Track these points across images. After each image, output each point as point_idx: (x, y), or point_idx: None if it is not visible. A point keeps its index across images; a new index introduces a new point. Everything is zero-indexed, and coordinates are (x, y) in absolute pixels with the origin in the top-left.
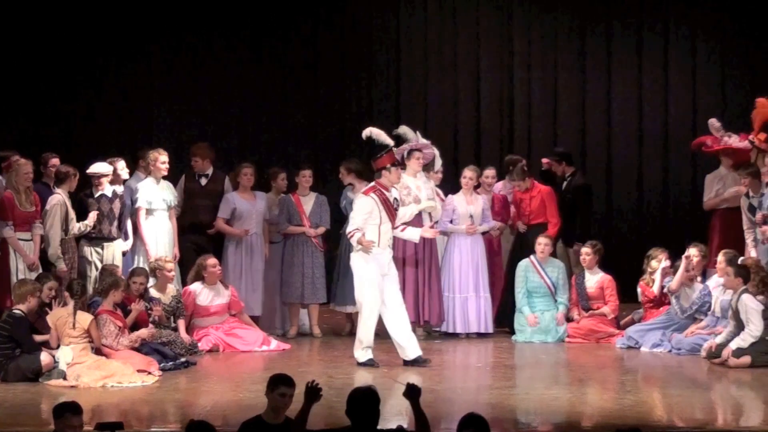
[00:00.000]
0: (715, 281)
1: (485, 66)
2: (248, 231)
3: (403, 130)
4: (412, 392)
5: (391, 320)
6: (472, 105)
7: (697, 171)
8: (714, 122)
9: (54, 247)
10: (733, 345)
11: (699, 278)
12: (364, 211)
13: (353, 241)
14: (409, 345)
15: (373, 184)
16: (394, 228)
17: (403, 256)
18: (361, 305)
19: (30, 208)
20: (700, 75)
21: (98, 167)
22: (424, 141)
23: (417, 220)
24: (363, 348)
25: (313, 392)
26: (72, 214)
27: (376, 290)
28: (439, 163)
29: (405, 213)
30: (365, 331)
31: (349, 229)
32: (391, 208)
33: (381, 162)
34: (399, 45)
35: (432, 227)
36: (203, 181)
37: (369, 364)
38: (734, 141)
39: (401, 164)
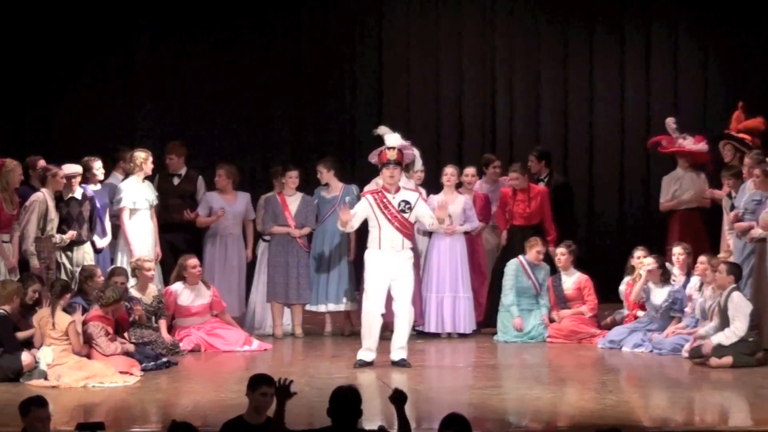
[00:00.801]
0: (694, 283)
1: (467, 66)
2: (223, 210)
3: (383, 130)
4: (399, 398)
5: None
6: (455, 105)
7: None
8: (670, 122)
9: (28, 243)
10: (715, 339)
11: (683, 276)
12: (358, 211)
13: (339, 227)
14: (395, 348)
15: (379, 184)
16: (435, 226)
17: None
18: None
19: (12, 210)
20: (681, 73)
21: (68, 168)
22: (403, 141)
23: None
24: (362, 349)
25: (283, 390)
26: (52, 214)
27: (374, 293)
28: (419, 164)
29: None
30: (362, 332)
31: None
32: (391, 211)
33: (377, 161)
34: (381, 45)
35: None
36: (176, 181)
37: (357, 363)
38: (689, 143)
39: (398, 165)
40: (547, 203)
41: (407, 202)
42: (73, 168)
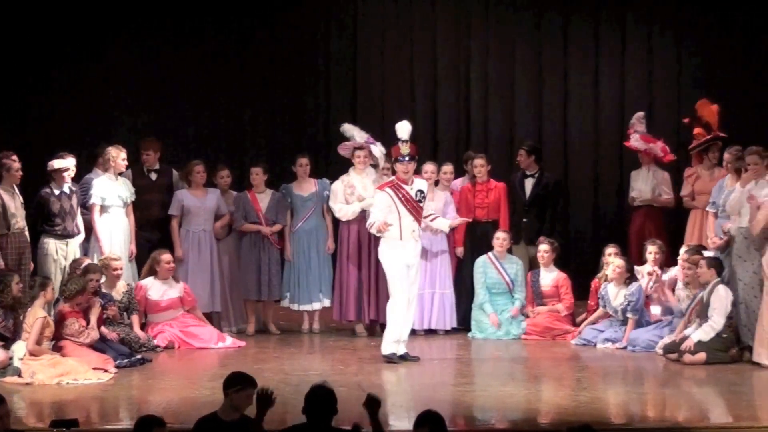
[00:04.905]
0: (670, 276)
1: (442, 64)
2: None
3: (345, 127)
4: (372, 404)
5: None
6: (430, 101)
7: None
8: (640, 117)
9: None
10: (695, 337)
11: (659, 273)
12: (380, 206)
13: (373, 231)
14: (402, 340)
15: (392, 178)
16: (424, 218)
17: (347, 252)
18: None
19: None
20: (656, 70)
21: (62, 162)
22: (365, 136)
23: (362, 218)
24: (391, 342)
25: (265, 399)
26: (13, 209)
27: (403, 281)
28: (382, 161)
29: (348, 211)
30: (391, 324)
31: (368, 222)
32: (411, 202)
33: (392, 154)
34: (356, 40)
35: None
36: (153, 176)
37: (389, 358)
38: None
39: (412, 160)
40: (505, 199)
41: (422, 192)
42: (64, 161)
